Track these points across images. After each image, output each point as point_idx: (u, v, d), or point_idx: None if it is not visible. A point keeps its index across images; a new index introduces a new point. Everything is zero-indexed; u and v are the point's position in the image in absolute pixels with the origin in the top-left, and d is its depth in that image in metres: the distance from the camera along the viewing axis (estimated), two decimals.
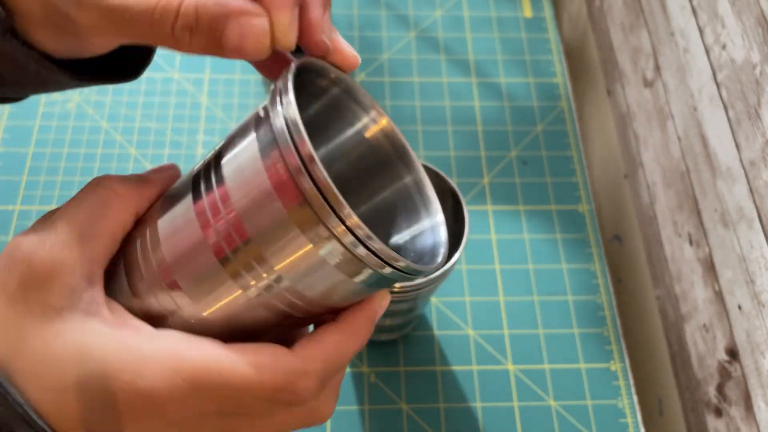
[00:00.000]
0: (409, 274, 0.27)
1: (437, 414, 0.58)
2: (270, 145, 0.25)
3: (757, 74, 0.51)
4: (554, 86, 0.77)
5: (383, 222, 0.29)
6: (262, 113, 0.26)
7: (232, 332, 0.28)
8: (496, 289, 0.64)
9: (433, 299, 0.63)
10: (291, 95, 0.25)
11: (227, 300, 0.27)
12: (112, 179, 0.27)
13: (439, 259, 0.30)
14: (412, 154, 0.33)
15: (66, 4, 0.25)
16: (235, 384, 0.25)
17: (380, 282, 0.28)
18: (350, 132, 0.33)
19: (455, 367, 0.60)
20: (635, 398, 0.60)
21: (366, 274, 0.27)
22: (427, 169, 0.52)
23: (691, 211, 0.60)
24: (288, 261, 0.26)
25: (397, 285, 0.48)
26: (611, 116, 0.78)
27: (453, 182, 0.51)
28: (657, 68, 0.66)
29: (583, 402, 0.59)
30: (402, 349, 0.61)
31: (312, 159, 0.24)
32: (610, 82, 0.77)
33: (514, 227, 0.68)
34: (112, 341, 0.24)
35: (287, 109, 0.25)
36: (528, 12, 0.82)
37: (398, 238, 0.32)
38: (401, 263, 0.26)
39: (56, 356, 0.24)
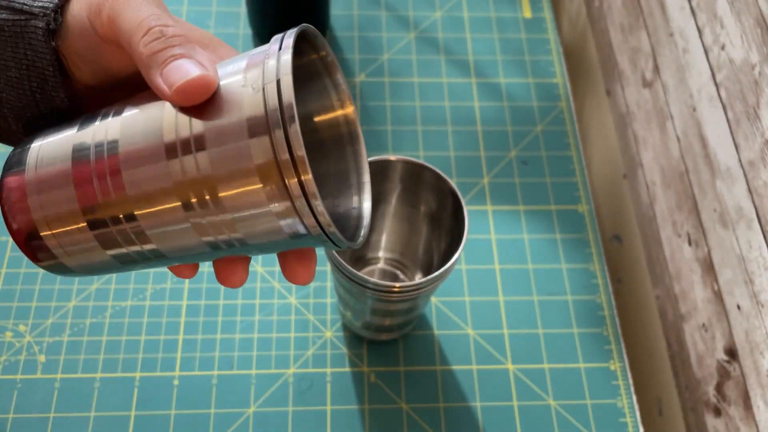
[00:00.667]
0: (332, 242, 0.29)
1: (437, 413, 0.58)
2: (258, 94, 0.26)
3: (756, 74, 0.51)
4: (554, 86, 0.77)
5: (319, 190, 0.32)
6: (261, 64, 0.27)
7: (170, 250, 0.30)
8: (496, 288, 0.64)
9: (433, 299, 0.63)
10: (290, 55, 0.26)
11: (169, 219, 0.28)
12: None
13: (359, 239, 0.31)
14: (363, 145, 0.35)
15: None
16: None
17: (303, 241, 0.29)
18: (315, 104, 0.34)
19: (455, 367, 0.60)
20: (634, 398, 0.60)
21: (297, 230, 0.28)
22: (427, 169, 0.52)
23: (691, 211, 0.60)
24: (239, 203, 0.27)
25: (397, 285, 0.48)
26: (610, 116, 0.78)
27: (453, 182, 0.51)
28: (656, 68, 0.66)
29: (582, 401, 0.59)
30: (402, 349, 0.61)
31: (293, 119, 0.25)
32: (610, 83, 0.78)
33: (514, 227, 0.68)
34: None
35: (281, 66, 0.26)
36: (527, 12, 0.82)
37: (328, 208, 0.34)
38: (332, 230, 0.27)
39: None
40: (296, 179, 0.26)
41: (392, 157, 0.52)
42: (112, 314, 0.61)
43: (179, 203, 0.28)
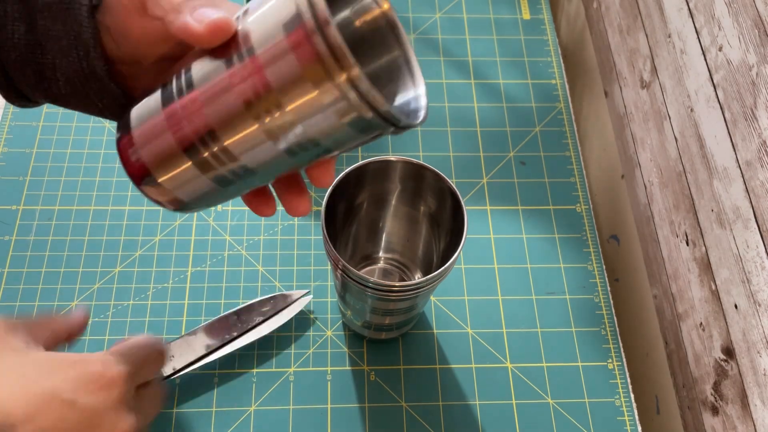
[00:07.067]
0: (390, 122, 0.31)
1: (436, 411, 0.59)
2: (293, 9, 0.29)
3: (753, 75, 0.51)
4: (552, 87, 0.77)
5: (376, 85, 0.35)
6: None
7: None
8: (495, 288, 0.65)
9: (433, 298, 0.64)
10: None
11: (246, 133, 0.32)
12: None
13: (420, 117, 0.34)
14: (404, 32, 0.37)
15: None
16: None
17: (365, 128, 0.31)
18: (356, 12, 0.37)
19: (454, 366, 0.61)
20: (632, 396, 0.61)
21: (354, 115, 0.30)
22: (427, 170, 0.53)
23: (688, 211, 0.60)
24: (298, 104, 0.30)
25: (397, 284, 0.48)
26: (608, 117, 0.78)
27: (452, 182, 0.52)
28: (654, 70, 0.67)
29: (580, 400, 0.60)
30: (402, 348, 0.61)
31: (327, 21, 0.28)
32: (608, 84, 0.78)
33: (513, 227, 0.68)
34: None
35: None
36: (526, 14, 0.83)
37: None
38: (384, 107, 0.30)
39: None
40: (338, 65, 0.28)
41: (392, 158, 0.53)
42: (114, 313, 0.61)
43: (249, 115, 0.31)
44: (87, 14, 0.34)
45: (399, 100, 0.37)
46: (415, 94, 0.36)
